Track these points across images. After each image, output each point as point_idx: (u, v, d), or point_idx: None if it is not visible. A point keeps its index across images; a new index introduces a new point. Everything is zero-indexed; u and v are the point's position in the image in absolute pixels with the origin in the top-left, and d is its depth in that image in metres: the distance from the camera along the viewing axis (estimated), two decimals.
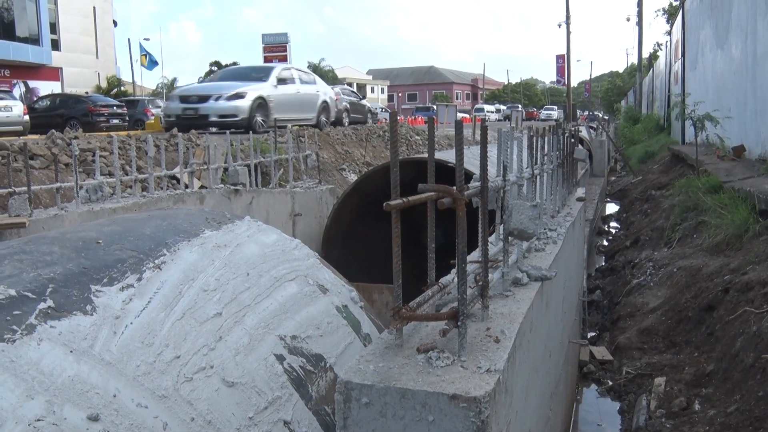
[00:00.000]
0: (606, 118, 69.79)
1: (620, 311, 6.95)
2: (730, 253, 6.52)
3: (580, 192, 5.29)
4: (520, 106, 64.31)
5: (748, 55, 10.32)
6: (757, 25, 9.77)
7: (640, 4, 38.06)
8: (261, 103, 14.09)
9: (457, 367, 1.60)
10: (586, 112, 78.33)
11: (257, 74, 15.44)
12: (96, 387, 1.46)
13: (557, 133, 4.70)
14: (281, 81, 15.20)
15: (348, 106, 18.59)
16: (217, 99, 13.73)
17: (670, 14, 31.66)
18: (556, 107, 68.16)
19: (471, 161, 6.38)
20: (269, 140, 13.38)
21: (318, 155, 6.59)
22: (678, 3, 25.65)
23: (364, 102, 20.85)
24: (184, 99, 14.39)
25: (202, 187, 9.76)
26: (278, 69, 16.05)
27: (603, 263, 10.51)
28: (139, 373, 1.56)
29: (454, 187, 1.90)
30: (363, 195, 6.11)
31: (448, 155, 6.30)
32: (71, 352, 1.48)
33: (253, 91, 14.07)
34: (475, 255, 2.45)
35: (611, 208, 16.24)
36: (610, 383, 5.38)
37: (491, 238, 2.94)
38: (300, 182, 5.99)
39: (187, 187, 4.69)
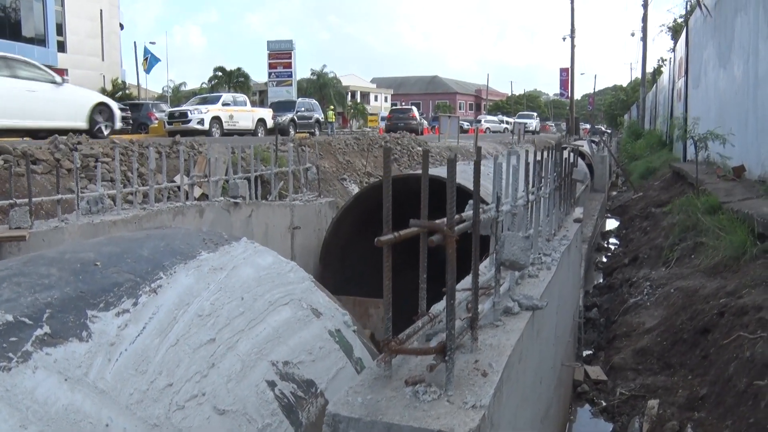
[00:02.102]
0: (608, 131, 69.90)
1: (616, 330, 6.97)
2: (727, 275, 6.54)
3: (578, 212, 5.32)
4: (536, 113, 61.76)
5: (750, 75, 10.37)
6: (758, 47, 9.83)
7: (644, 20, 38.20)
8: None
9: (443, 402, 1.62)
10: (589, 126, 78.40)
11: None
12: (89, 416, 1.48)
13: (556, 153, 4.74)
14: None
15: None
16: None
17: (675, 31, 31.77)
18: (535, 114, 62.18)
19: (469, 177, 6.42)
20: (271, 148, 13.49)
21: (318, 168, 6.63)
22: (682, 21, 25.74)
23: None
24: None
25: (202, 195, 9.80)
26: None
27: (601, 280, 10.53)
28: (132, 401, 1.59)
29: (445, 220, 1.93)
30: (362, 209, 6.14)
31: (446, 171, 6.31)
32: (66, 380, 1.50)
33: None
34: (468, 281, 2.48)
35: (611, 223, 16.26)
36: (604, 404, 5.40)
37: (486, 263, 2.97)
38: (300, 194, 6.02)
39: (187, 197, 4.72)
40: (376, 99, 77.22)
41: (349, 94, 69.91)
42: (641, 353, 5.97)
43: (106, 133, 15.21)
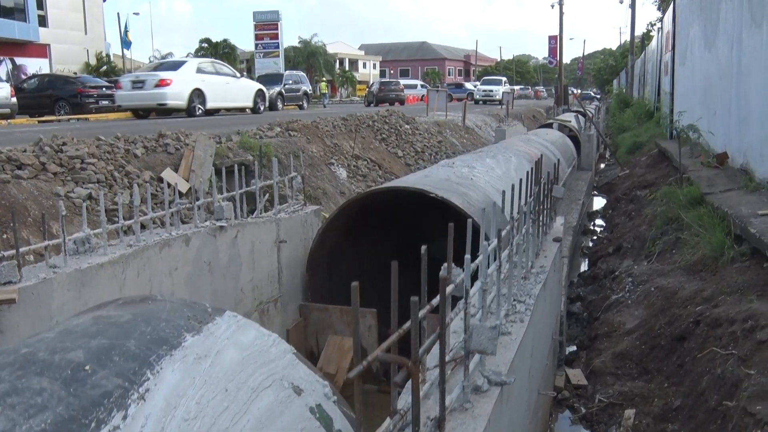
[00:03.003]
0: (598, 96, 69.70)
1: (598, 329, 7.16)
2: (706, 276, 6.71)
3: (558, 227, 5.43)
4: (504, 79, 48.91)
5: (734, 63, 10.43)
6: (742, 35, 9.87)
7: None
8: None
9: None
10: (579, 90, 78.22)
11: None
12: None
13: (534, 174, 4.81)
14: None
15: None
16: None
17: (662, 1, 31.57)
18: (504, 79, 48.69)
19: (455, 187, 6.48)
20: (258, 135, 13.49)
21: (303, 178, 6.69)
22: None
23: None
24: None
25: (189, 190, 9.84)
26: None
27: (586, 267, 10.72)
28: None
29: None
30: (347, 216, 6.23)
31: (432, 177, 6.40)
32: None
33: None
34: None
35: (598, 202, 16.44)
36: (583, 410, 5.59)
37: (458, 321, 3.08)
38: (285, 205, 6.10)
39: (172, 223, 4.79)
40: (364, 66, 76.65)
41: (338, 61, 69.33)
42: (621, 357, 6.15)
43: (261, 110, 23.40)
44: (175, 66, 21.21)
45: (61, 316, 3.53)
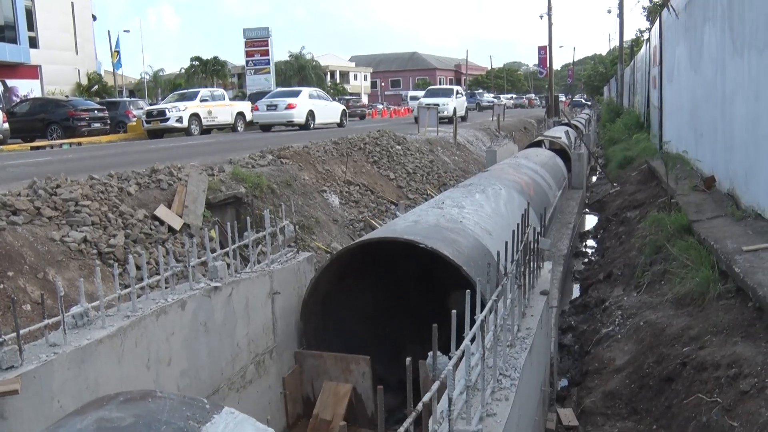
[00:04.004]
0: (589, 103, 69.92)
1: (589, 364, 7.27)
2: (693, 312, 6.83)
3: (546, 275, 5.54)
4: (456, 89, 38.76)
5: (718, 88, 10.59)
6: (725, 63, 10.04)
7: None
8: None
9: None
10: (569, 97, 78.38)
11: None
12: None
13: (521, 228, 4.92)
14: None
15: None
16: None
17: (650, 12, 31.88)
18: (456, 89, 38.65)
19: (445, 234, 6.59)
20: (250, 164, 13.59)
21: (296, 227, 6.80)
22: (658, 2, 25.88)
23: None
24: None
25: (184, 226, 9.92)
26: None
27: (578, 293, 10.84)
28: None
29: None
30: (340, 264, 6.33)
31: (421, 224, 6.51)
32: None
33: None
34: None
35: (590, 221, 16.58)
36: None
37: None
38: (278, 254, 6.21)
39: (167, 285, 4.89)
40: (355, 78, 76.94)
41: (329, 74, 69.55)
42: (611, 396, 6.27)
43: (345, 124, 30.59)
44: (295, 93, 28.39)
45: (62, 396, 3.62)
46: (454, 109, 32.77)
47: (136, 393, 3.16)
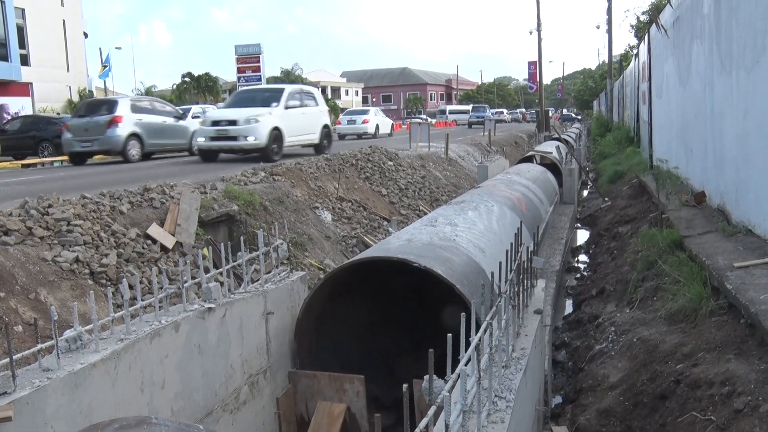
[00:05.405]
0: (579, 117, 70.40)
1: (583, 381, 7.27)
2: (686, 328, 6.86)
3: (539, 294, 5.55)
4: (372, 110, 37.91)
5: (707, 104, 10.69)
6: (714, 81, 10.15)
7: (609, 13, 38.66)
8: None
9: None
10: (559, 111, 78.84)
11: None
12: None
13: (515, 246, 4.95)
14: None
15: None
16: None
17: (638, 29, 32.21)
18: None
19: (438, 252, 6.61)
20: (242, 181, 13.58)
21: (288, 244, 6.80)
22: (646, 20, 26.16)
23: None
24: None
25: (176, 245, 9.90)
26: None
27: (571, 309, 10.87)
28: None
29: None
30: (333, 281, 6.33)
31: (414, 242, 6.52)
32: None
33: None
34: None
35: (582, 236, 16.64)
36: None
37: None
38: (271, 274, 6.21)
39: (161, 306, 4.88)
40: (347, 93, 77.21)
41: (320, 90, 69.75)
42: (605, 414, 6.27)
43: (393, 134, 37.00)
44: (365, 112, 35.86)
45: (56, 422, 3.60)
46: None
47: (131, 420, 3.15)
